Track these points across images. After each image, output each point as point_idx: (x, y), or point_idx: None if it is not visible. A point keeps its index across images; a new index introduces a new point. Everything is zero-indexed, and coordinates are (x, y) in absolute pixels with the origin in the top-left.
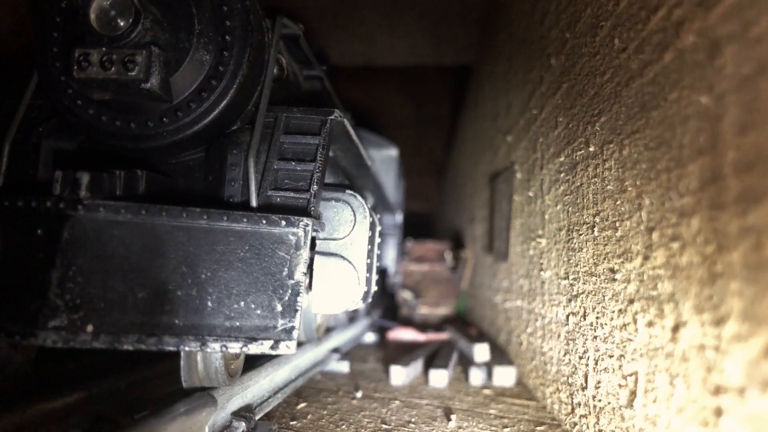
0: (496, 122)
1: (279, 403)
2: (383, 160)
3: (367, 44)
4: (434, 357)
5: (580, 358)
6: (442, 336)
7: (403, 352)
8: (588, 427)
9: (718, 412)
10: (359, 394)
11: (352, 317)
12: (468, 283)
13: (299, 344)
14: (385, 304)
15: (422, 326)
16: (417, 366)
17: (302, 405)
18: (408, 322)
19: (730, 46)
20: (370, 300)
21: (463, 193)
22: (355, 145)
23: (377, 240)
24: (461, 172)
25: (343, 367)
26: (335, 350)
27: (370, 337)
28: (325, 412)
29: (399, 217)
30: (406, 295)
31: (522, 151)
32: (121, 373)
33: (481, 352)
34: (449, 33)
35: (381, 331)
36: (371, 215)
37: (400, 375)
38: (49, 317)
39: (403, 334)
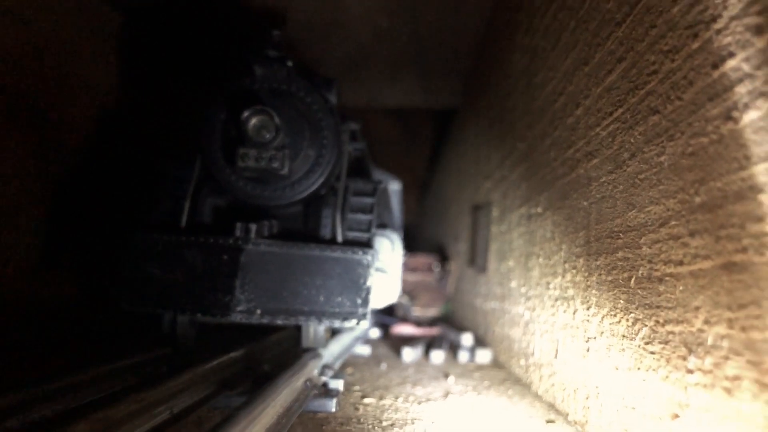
0: (478, 166)
1: (338, 367)
2: (390, 192)
3: (371, 92)
4: (431, 344)
5: (532, 335)
6: (434, 330)
7: (405, 342)
8: (536, 377)
9: (588, 350)
10: (384, 366)
11: None
12: (453, 290)
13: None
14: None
15: (417, 323)
16: (419, 350)
17: (350, 369)
18: (404, 321)
19: (594, 182)
20: (397, 299)
21: (448, 215)
22: (387, 195)
23: (402, 260)
24: (446, 196)
25: (366, 350)
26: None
27: (375, 333)
28: (366, 374)
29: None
30: (401, 299)
31: (497, 196)
32: (254, 341)
33: (467, 338)
34: (439, 85)
35: (384, 327)
36: (401, 244)
37: (410, 354)
38: (237, 305)
39: (403, 328)
